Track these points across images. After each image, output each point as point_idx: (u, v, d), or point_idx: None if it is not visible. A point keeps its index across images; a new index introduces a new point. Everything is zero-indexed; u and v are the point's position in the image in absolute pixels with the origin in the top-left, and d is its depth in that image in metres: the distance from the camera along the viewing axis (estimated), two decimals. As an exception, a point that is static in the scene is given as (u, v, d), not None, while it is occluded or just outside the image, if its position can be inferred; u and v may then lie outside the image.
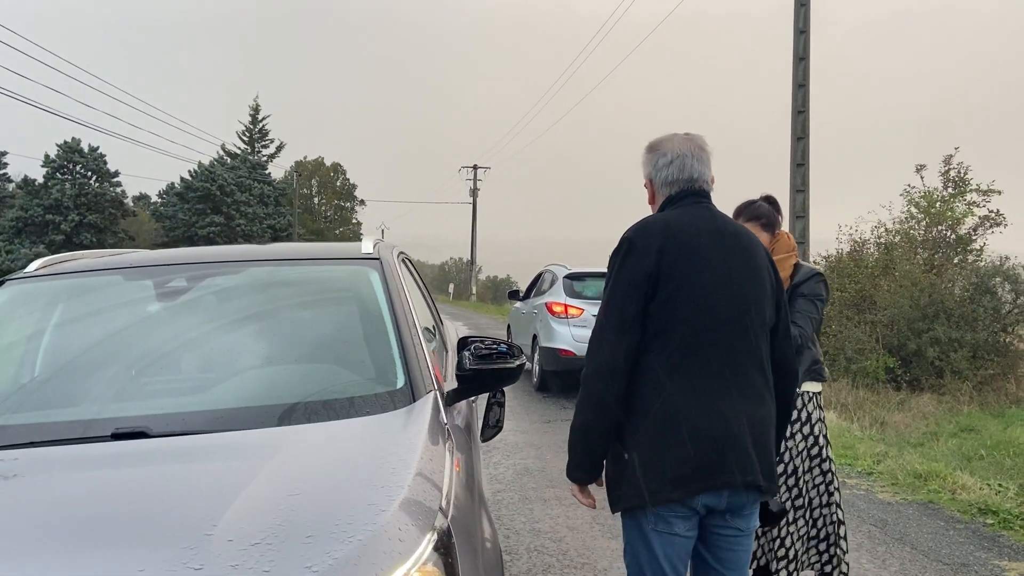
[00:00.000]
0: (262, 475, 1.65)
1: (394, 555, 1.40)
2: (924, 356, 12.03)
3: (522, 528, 4.73)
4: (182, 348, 2.44)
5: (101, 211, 45.22)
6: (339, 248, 3.12)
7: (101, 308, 2.67)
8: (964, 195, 14.72)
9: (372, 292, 2.63)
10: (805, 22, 12.27)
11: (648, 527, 2.11)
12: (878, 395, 11.05)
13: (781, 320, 2.24)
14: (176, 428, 1.96)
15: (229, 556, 1.34)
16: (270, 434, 1.93)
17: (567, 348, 9.50)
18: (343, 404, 2.09)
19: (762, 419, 2.12)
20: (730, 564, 2.18)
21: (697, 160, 2.23)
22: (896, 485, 5.85)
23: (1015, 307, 13.18)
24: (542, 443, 7.12)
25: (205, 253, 3.01)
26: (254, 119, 59.72)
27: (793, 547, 3.23)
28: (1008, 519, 4.92)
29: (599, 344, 2.11)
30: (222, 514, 1.46)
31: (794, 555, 3.23)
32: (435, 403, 2.14)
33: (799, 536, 3.23)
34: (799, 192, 12.17)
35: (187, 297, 2.66)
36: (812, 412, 3.27)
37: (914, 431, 9.05)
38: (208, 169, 49.61)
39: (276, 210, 53.13)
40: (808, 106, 12.26)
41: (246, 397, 2.17)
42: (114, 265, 2.84)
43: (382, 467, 1.71)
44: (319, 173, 71.56)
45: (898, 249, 14.31)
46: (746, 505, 2.13)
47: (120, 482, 1.71)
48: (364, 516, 1.48)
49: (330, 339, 2.53)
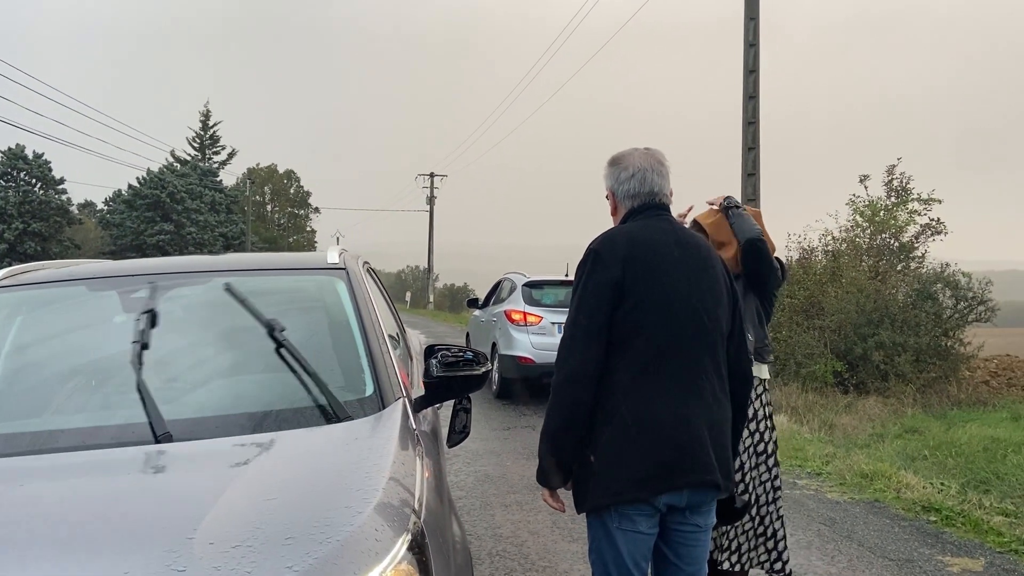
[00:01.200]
0: (238, 481, 1.69)
1: (371, 555, 1.46)
2: (870, 360, 12.40)
3: (484, 533, 4.79)
4: (150, 358, 2.44)
5: (46, 219, 44.04)
6: (305, 258, 3.15)
7: (65, 319, 2.67)
8: (906, 204, 15.25)
9: (339, 301, 2.67)
10: (755, 36, 12.59)
11: (613, 526, 2.20)
12: (827, 398, 11.36)
13: (736, 327, 2.36)
14: (147, 437, 1.98)
15: (211, 559, 1.38)
16: (243, 441, 1.97)
17: (526, 355, 9.59)
18: (313, 412, 2.14)
19: (720, 421, 2.24)
20: (689, 559, 2.28)
21: (657, 174, 2.34)
22: (844, 485, 6.05)
23: (956, 312, 13.68)
24: (502, 450, 7.19)
25: (171, 263, 3.02)
26: (205, 125, 58.81)
27: (737, 539, 3.36)
28: (950, 516, 5.14)
29: (569, 352, 2.19)
30: (201, 519, 1.50)
31: (736, 547, 3.36)
32: (404, 410, 2.20)
33: (743, 531, 3.36)
34: (750, 201, 12.46)
35: (154, 307, 2.66)
36: (758, 409, 3.37)
37: (861, 433, 9.33)
38: (157, 176, 48.66)
39: (228, 218, 52.34)
40: (759, 117, 12.57)
41: (218, 406, 2.20)
42: (78, 276, 2.83)
43: (356, 472, 1.76)
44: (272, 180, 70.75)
45: (844, 256, 14.73)
46: (704, 503, 2.24)
47: (97, 490, 1.73)
48: (341, 518, 1.53)
49: (299, 348, 2.56)
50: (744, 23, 12.63)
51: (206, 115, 58.78)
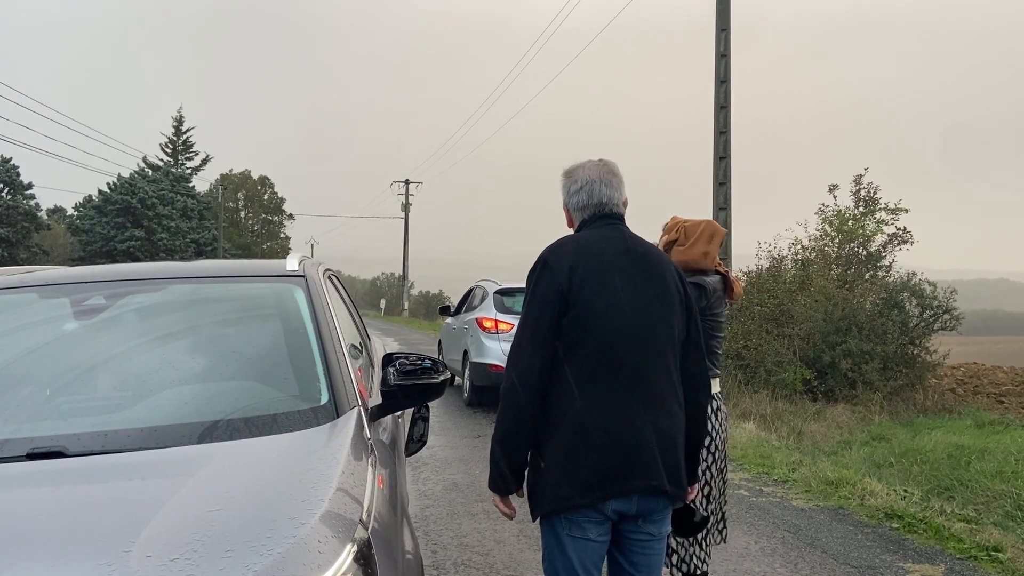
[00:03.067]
0: (182, 492, 1.66)
1: (314, 566, 1.44)
2: (838, 368, 12.55)
3: (449, 543, 4.76)
4: (101, 367, 2.41)
5: (13, 224, 43.29)
6: (263, 265, 3.12)
7: (14, 326, 2.61)
8: (874, 213, 15.48)
9: (297, 309, 2.65)
10: (726, 47, 12.74)
11: (563, 532, 2.20)
12: (796, 406, 11.48)
13: (692, 334, 2.35)
14: (94, 447, 1.95)
15: (147, 572, 1.36)
16: (191, 452, 1.93)
17: (497, 363, 9.57)
18: (266, 421, 2.11)
19: (669, 428, 2.23)
20: (643, 568, 2.28)
21: (606, 185, 2.35)
22: (809, 492, 6.10)
23: (922, 321, 13.90)
24: (471, 458, 7.16)
25: (125, 270, 2.97)
26: (178, 131, 58.25)
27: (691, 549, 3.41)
28: (912, 523, 5.20)
29: (516, 358, 2.21)
30: (140, 530, 1.47)
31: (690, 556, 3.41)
32: (359, 419, 2.18)
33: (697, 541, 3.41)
34: (722, 210, 12.57)
35: (106, 315, 2.62)
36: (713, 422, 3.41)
37: (829, 440, 9.43)
38: (128, 181, 48.08)
39: (200, 224, 51.81)
40: (730, 127, 12.70)
41: (167, 415, 2.16)
42: (29, 283, 2.78)
43: (303, 482, 1.74)
44: (246, 186, 70.24)
45: (814, 265, 14.92)
46: (655, 511, 2.23)
47: (35, 501, 1.69)
48: (284, 529, 1.51)
49: (253, 357, 2.53)
50: (715, 34, 12.77)
51: (179, 120, 58.24)
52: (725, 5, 12.73)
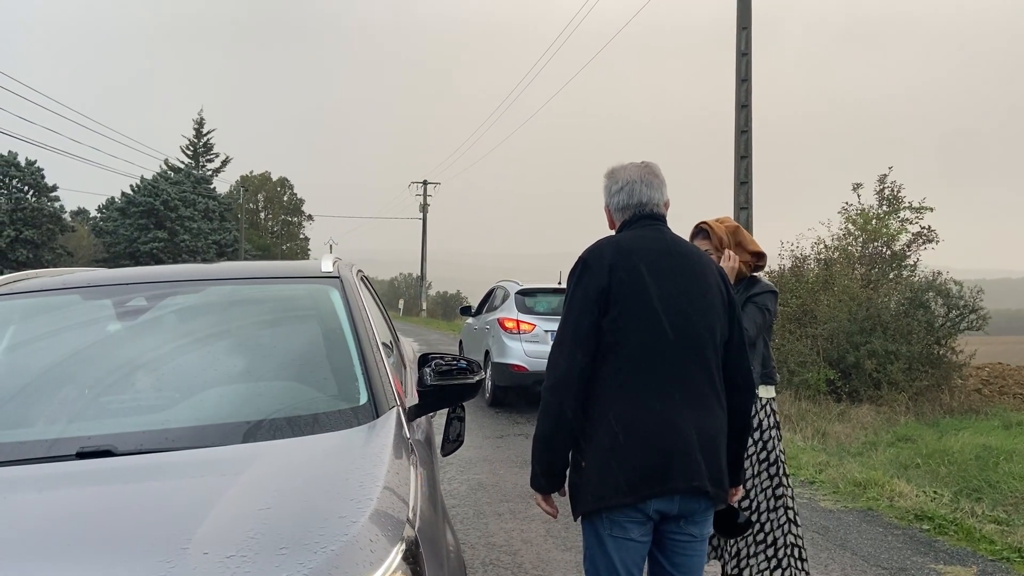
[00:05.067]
0: (232, 490, 1.69)
1: (365, 565, 1.46)
2: (862, 368, 12.44)
3: (477, 542, 4.78)
4: (144, 367, 2.45)
5: (38, 226, 43.88)
6: (299, 267, 3.15)
7: (60, 327, 2.66)
8: (898, 212, 15.33)
9: (333, 310, 2.67)
10: (747, 45, 12.67)
11: (604, 532, 2.21)
12: (820, 406, 11.38)
13: (735, 335, 2.34)
14: (142, 446, 1.98)
15: (206, 569, 1.38)
16: (237, 451, 1.96)
17: (519, 363, 9.59)
18: (307, 421, 2.14)
19: (711, 429, 2.22)
20: (684, 569, 2.28)
21: (647, 186, 2.36)
22: (837, 493, 6.06)
23: (947, 320, 13.74)
24: (495, 458, 7.18)
25: (165, 272, 3.01)
26: (199, 133, 58.84)
27: (737, 545, 3.41)
28: (943, 525, 5.15)
29: (557, 359, 2.23)
30: (196, 528, 1.50)
31: (737, 552, 3.40)
32: (398, 418, 2.20)
33: (744, 537, 3.39)
34: (743, 209, 12.51)
35: (148, 316, 2.66)
36: (764, 419, 3.43)
37: (854, 441, 9.35)
38: (151, 183, 48.61)
39: (221, 225, 52.27)
40: (751, 125, 12.63)
41: (211, 415, 2.19)
42: (72, 284, 2.83)
43: (350, 481, 1.76)
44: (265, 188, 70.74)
45: (837, 265, 14.79)
46: (697, 511, 2.23)
47: (90, 500, 1.72)
48: (335, 528, 1.52)
49: (293, 357, 2.56)
50: (736, 32, 12.71)
51: (200, 123, 58.83)
52: (746, 3, 12.66)
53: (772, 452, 3.44)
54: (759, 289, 3.53)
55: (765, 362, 3.48)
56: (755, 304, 3.46)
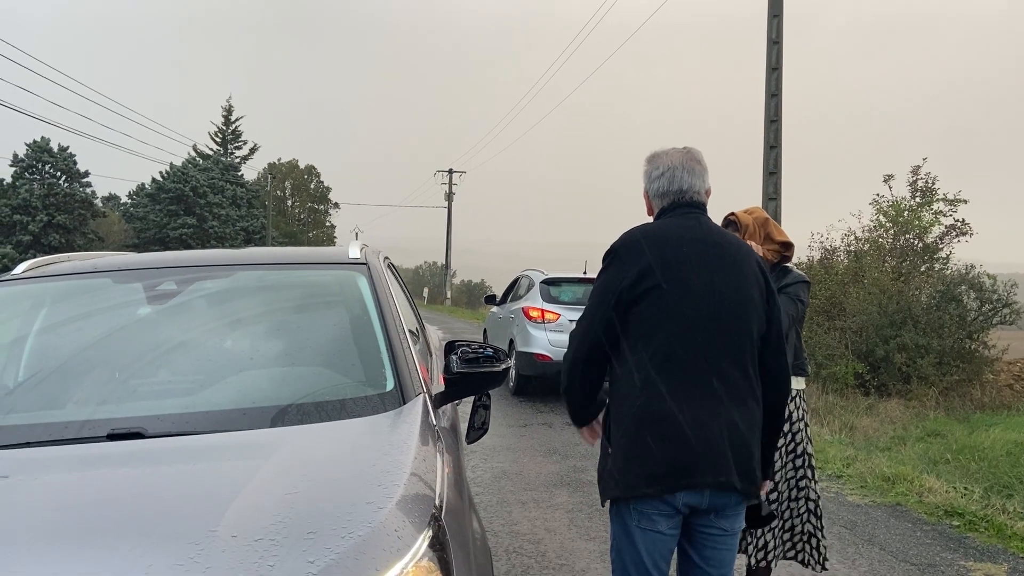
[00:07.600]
0: (260, 474, 1.69)
1: (392, 551, 1.45)
2: (892, 362, 12.27)
3: (500, 530, 4.78)
4: (174, 351, 2.46)
5: (70, 212, 44.58)
6: (327, 253, 3.16)
7: (90, 310, 2.68)
8: (931, 204, 15.06)
9: (360, 296, 2.67)
10: (778, 33, 12.48)
11: (632, 523, 2.19)
12: (847, 400, 11.26)
13: (773, 329, 2.28)
14: (172, 429, 2.00)
15: (234, 552, 1.38)
16: (265, 435, 1.97)
17: (544, 353, 9.57)
18: (334, 406, 2.14)
19: (743, 423, 2.17)
20: (714, 563, 2.25)
21: (688, 172, 2.31)
22: (865, 488, 5.99)
23: (980, 315, 13.51)
24: (519, 447, 7.18)
25: (194, 257, 3.03)
26: (227, 120, 59.25)
27: (763, 537, 3.40)
28: (973, 521, 5.07)
29: (571, 340, 2.31)
30: (224, 512, 1.50)
31: (763, 544, 3.39)
32: (424, 405, 2.19)
33: (770, 526, 3.37)
34: (771, 200, 12.35)
35: (177, 300, 2.68)
36: (793, 411, 3.41)
37: (882, 435, 9.24)
38: (180, 170, 49.13)
39: (249, 212, 52.73)
40: (781, 116, 12.45)
41: (239, 399, 2.20)
42: (103, 268, 2.86)
43: (377, 467, 1.76)
44: (293, 175, 71.15)
45: (867, 257, 14.59)
46: (729, 506, 2.20)
47: (120, 481, 1.73)
48: (363, 514, 1.52)
49: (320, 342, 2.57)
50: (767, 20, 12.52)
51: (228, 110, 59.23)
52: (778, -10, 12.46)
53: (800, 444, 3.42)
54: (792, 279, 3.48)
55: (797, 353, 3.44)
56: (787, 294, 3.41)
